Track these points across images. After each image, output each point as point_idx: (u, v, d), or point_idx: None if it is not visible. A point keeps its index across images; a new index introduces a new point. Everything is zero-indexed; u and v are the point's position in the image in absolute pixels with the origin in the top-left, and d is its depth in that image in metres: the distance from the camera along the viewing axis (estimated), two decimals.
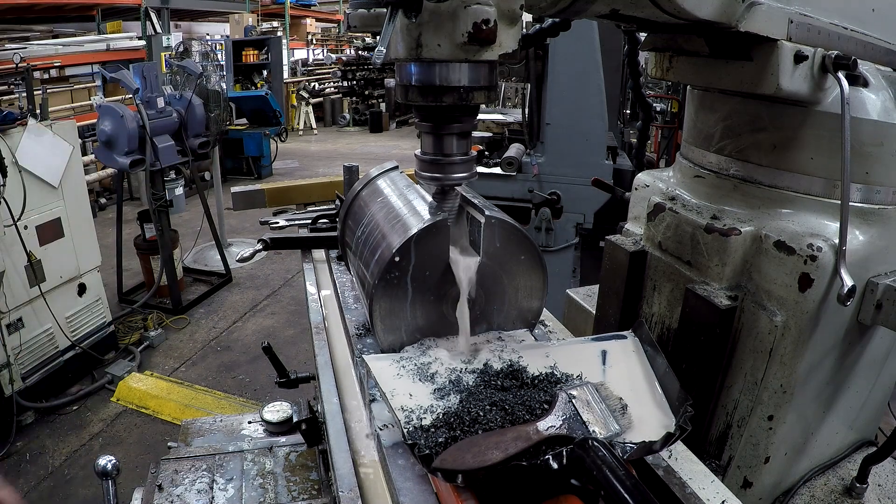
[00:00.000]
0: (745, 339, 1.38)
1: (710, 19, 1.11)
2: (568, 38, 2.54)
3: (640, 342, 1.27)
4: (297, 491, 1.41)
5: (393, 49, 1.06)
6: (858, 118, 1.27)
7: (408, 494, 0.98)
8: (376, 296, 1.22)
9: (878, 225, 1.33)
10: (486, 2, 0.97)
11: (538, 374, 1.16)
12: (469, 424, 1.00)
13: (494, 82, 1.14)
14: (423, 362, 1.20)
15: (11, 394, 3.79)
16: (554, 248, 3.80)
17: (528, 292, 1.34)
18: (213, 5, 14.77)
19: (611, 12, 1.15)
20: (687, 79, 1.47)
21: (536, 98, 3.92)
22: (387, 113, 16.18)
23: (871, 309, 1.32)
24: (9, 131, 3.82)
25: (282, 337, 5.25)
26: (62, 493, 3.43)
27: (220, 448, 1.55)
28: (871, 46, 1.36)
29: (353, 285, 1.66)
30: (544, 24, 1.61)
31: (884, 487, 1.56)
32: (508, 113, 5.24)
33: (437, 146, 1.21)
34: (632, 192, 1.80)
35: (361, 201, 1.56)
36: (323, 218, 2.27)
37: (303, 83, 16.01)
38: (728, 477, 1.46)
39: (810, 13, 1.23)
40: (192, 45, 10.73)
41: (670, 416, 1.09)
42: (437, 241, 1.22)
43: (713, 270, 1.40)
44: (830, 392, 1.44)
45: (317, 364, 1.45)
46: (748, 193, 1.44)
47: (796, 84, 1.24)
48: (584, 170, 3.62)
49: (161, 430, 4.00)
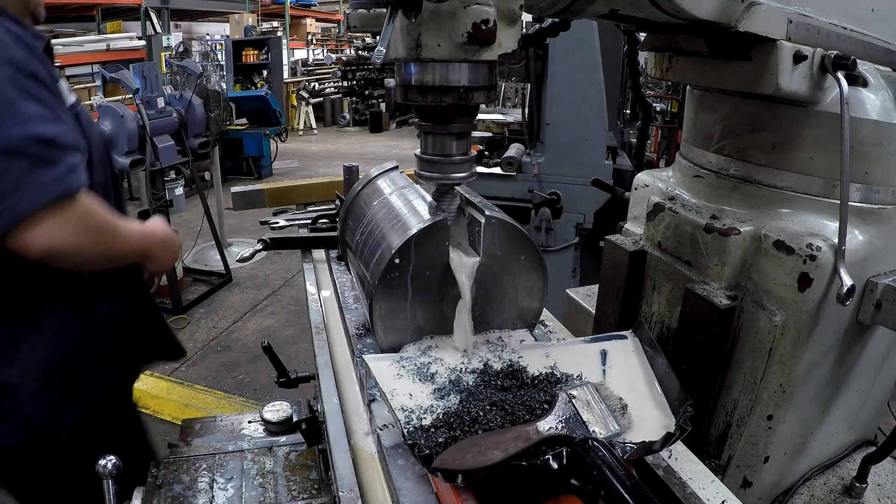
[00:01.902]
0: (745, 338, 1.39)
1: (710, 19, 1.11)
2: (568, 38, 2.54)
3: (640, 342, 1.27)
4: (296, 490, 1.41)
5: (393, 49, 1.06)
6: (858, 118, 1.27)
7: (408, 494, 0.98)
8: (376, 296, 1.22)
9: (878, 225, 1.33)
10: (486, 2, 0.98)
11: (538, 374, 1.16)
12: (469, 424, 1.00)
13: (494, 82, 1.14)
14: (422, 362, 1.20)
15: None
16: (554, 248, 3.79)
17: (528, 292, 1.34)
18: (213, 5, 14.77)
19: (610, 12, 1.16)
20: (686, 79, 1.47)
21: (536, 98, 3.92)
22: (387, 113, 16.18)
23: (871, 308, 1.32)
24: None
25: (282, 337, 5.25)
26: None
27: (220, 447, 1.55)
28: (870, 46, 1.37)
29: (353, 285, 1.66)
30: (544, 24, 1.61)
31: (883, 487, 1.56)
32: (508, 113, 5.24)
33: (436, 146, 1.21)
34: (631, 192, 1.80)
35: (361, 201, 1.56)
36: (323, 218, 2.27)
37: (303, 83, 16.01)
38: (728, 476, 1.46)
39: (809, 13, 1.23)
40: (192, 45, 10.74)
41: (670, 416, 1.09)
42: (437, 240, 1.22)
43: (713, 270, 1.41)
44: (830, 392, 1.45)
45: (317, 364, 1.45)
46: (748, 193, 1.44)
47: (795, 84, 1.24)
48: (584, 170, 3.61)
49: (161, 430, 3.99)
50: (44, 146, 1.25)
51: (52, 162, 1.25)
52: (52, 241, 1.26)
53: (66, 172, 1.27)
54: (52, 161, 1.25)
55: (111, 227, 1.39)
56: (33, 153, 1.23)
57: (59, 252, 1.28)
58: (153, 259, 1.58)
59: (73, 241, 1.29)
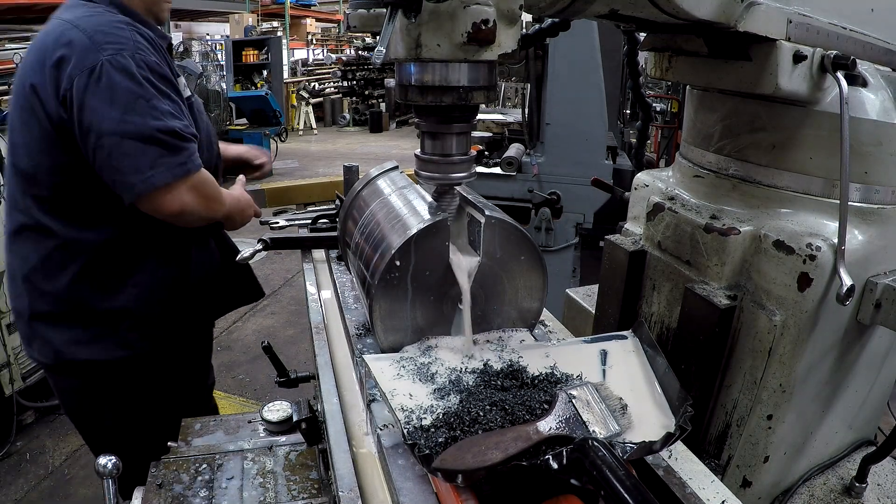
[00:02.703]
0: (745, 338, 1.39)
1: (709, 19, 1.11)
2: (568, 39, 2.55)
3: (640, 342, 1.27)
4: (297, 490, 1.41)
5: (392, 49, 1.06)
6: (857, 118, 1.27)
7: (408, 494, 0.99)
8: (376, 296, 1.22)
9: (878, 224, 1.33)
10: (486, 2, 0.98)
11: (538, 374, 1.16)
12: (469, 424, 1.00)
13: (494, 82, 1.14)
14: (422, 362, 1.20)
15: (12, 393, 3.79)
16: (554, 248, 3.80)
17: (528, 292, 1.34)
18: (213, 5, 14.78)
19: (610, 12, 1.16)
20: (686, 79, 1.47)
21: (536, 98, 3.92)
22: (387, 113, 16.19)
23: (870, 308, 1.32)
24: None
25: (282, 337, 5.25)
26: (62, 493, 3.43)
27: (221, 447, 1.55)
28: (870, 46, 1.37)
29: (353, 285, 1.66)
30: (544, 24, 1.62)
31: (883, 487, 1.56)
32: (508, 113, 5.24)
33: (436, 146, 1.21)
34: (631, 192, 1.80)
35: (361, 201, 1.56)
36: (323, 218, 2.28)
37: (303, 83, 16.02)
38: (727, 476, 1.47)
39: (809, 13, 1.24)
40: (192, 45, 10.74)
41: (670, 416, 1.09)
42: (437, 240, 1.22)
43: (712, 270, 1.41)
44: (829, 391, 1.45)
45: (317, 364, 1.45)
46: (747, 193, 1.44)
47: (795, 84, 1.24)
48: (583, 170, 3.62)
49: None
50: (172, 136, 1.63)
51: (178, 149, 1.65)
52: (183, 205, 1.69)
53: (188, 157, 1.68)
54: (178, 148, 1.65)
55: (219, 195, 1.84)
56: (165, 141, 1.62)
57: (188, 213, 1.72)
58: (232, 220, 2.00)
59: (196, 205, 1.72)
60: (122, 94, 1.57)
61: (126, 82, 1.58)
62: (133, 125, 1.57)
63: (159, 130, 1.60)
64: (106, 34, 1.62)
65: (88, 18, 1.65)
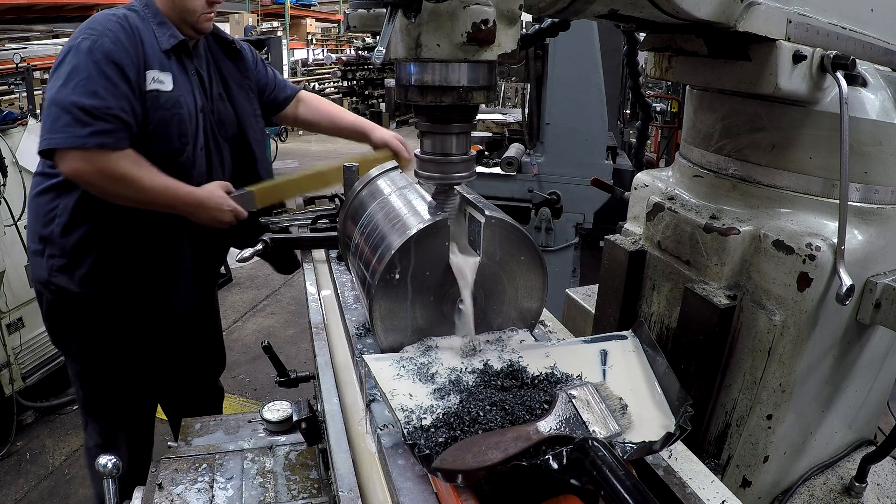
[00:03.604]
0: (744, 338, 1.39)
1: (709, 19, 1.11)
2: (568, 38, 2.55)
3: (640, 342, 1.27)
4: (296, 490, 1.41)
5: (392, 49, 1.06)
6: (857, 118, 1.27)
7: (408, 494, 0.98)
8: (376, 296, 1.22)
9: (877, 224, 1.33)
10: (486, 2, 0.98)
11: (538, 374, 1.16)
12: (469, 424, 1.00)
13: (493, 82, 1.14)
14: (422, 362, 1.20)
15: (12, 393, 3.79)
16: (554, 248, 3.79)
17: (528, 292, 1.34)
18: None
19: (609, 12, 1.16)
20: (686, 79, 1.47)
21: (536, 98, 3.92)
22: (387, 113, 16.18)
23: (870, 308, 1.32)
24: (9, 131, 3.81)
25: (282, 337, 5.25)
26: (62, 493, 3.43)
27: (220, 447, 1.56)
28: (869, 46, 1.37)
29: (353, 285, 1.66)
30: (543, 24, 1.62)
31: (883, 487, 1.56)
32: (508, 113, 5.24)
33: (436, 146, 1.21)
34: (631, 192, 1.80)
35: (361, 201, 1.56)
36: (323, 218, 2.28)
37: (303, 83, 16.01)
38: (727, 476, 1.47)
39: (809, 13, 1.24)
40: None
41: (670, 416, 1.09)
42: (437, 240, 1.22)
43: (712, 270, 1.41)
44: (829, 391, 1.45)
45: (317, 364, 1.45)
46: (747, 193, 1.44)
47: (795, 84, 1.24)
48: (583, 170, 3.61)
49: (161, 430, 3.99)
50: (82, 111, 1.80)
51: (83, 123, 1.81)
52: (75, 170, 1.85)
53: (92, 132, 1.81)
54: (83, 122, 1.81)
55: (133, 180, 1.90)
56: (74, 113, 1.80)
57: (78, 180, 1.88)
58: (191, 216, 2.05)
59: (91, 175, 1.86)
60: (66, 69, 1.84)
61: (75, 60, 1.84)
62: (60, 95, 1.82)
63: (74, 104, 1.80)
64: (92, 22, 1.92)
65: (109, 12, 1.97)
